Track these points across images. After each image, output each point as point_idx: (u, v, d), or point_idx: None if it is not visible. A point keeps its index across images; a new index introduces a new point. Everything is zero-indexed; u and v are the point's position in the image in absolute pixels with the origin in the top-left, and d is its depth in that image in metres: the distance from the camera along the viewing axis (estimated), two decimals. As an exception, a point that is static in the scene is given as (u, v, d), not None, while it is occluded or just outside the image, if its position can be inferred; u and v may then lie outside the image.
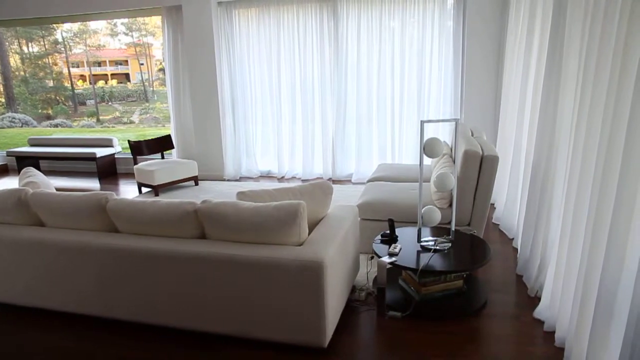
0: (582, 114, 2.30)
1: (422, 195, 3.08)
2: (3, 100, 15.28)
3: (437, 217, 3.08)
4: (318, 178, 6.50)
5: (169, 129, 6.92)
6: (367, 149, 6.24)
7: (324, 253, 2.38)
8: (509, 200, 4.23)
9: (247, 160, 6.78)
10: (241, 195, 2.76)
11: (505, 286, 3.28)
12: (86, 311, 2.86)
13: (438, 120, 3.02)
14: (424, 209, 3.11)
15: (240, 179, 6.72)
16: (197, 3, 6.19)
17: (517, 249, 3.87)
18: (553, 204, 2.88)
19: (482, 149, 3.50)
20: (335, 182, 6.26)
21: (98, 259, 2.71)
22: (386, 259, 2.86)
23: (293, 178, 6.60)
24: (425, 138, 2.96)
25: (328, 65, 6.12)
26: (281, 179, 6.60)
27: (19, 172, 7.44)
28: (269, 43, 6.31)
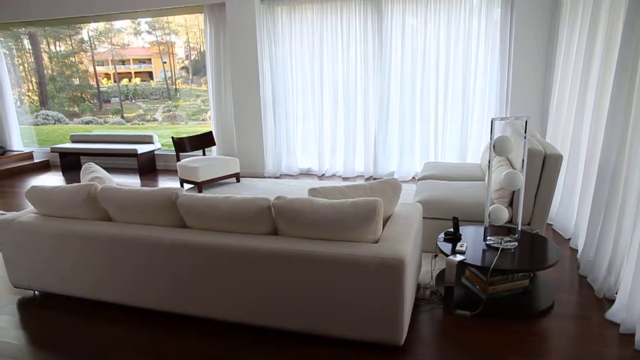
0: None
1: (489, 193, 3.05)
2: (36, 98, 15.59)
3: (504, 215, 3.05)
4: (359, 176, 6.50)
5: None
6: (410, 147, 6.21)
7: (404, 250, 2.37)
8: (563, 200, 4.17)
9: (288, 158, 6.81)
10: (313, 191, 2.77)
11: (569, 287, 3.24)
12: (157, 307, 2.89)
13: (506, 118, 2.99)
14: (491, 207, 3.09)
15: (281, 176, 6.75)
16: (241, 0, 6.23)
17: (575, 250, 3.81)
18: (626, 205, 2.82)
19: (543, 148, 3.46)
20: (376, 180, 6.24)
21: (169, 255, 2.74)
22: (455, 257, 2.84)
23: (333, 176, 6.61)
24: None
25: (371, 63, 6.10)
26: (321, 177, 6.61)
27: (62, 168, 7.62)
28: (312, 40, 6.32)
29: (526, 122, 2.94)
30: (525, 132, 2.94)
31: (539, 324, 2.76)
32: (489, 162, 2.97)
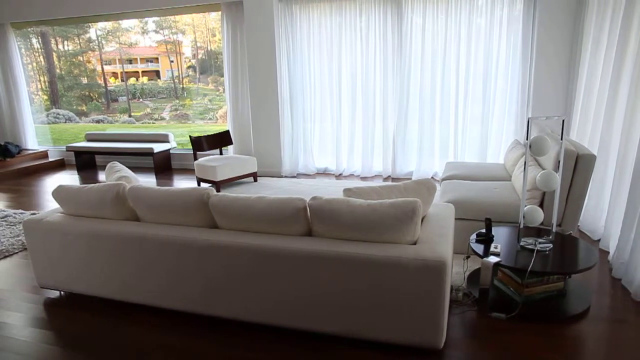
0: None
1: (524, 194, 3.00)
2: (46, 96, 15.65)
3: (539, 216, 3.00)
4: (377, 176, 6.46)
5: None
6: (429, 147, 6.16)
7: (445, 252, 2.33)
8: (591, 201, 4.11)
9: (305, 157, 6.78)
10: (348, 192, 2.73)
11: (603, 289, 3.18)
12: (187, 308, 2.86)
13: (542, 117, 2.93)
14: (526, 208, 3.03)
15: (298, 175, 6.72)
16: (259, -1, 6.21)
17: (605, 251, 3.75)
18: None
19: (575, 148, 3.40)
20: (395, 179, 6.20)
21: (200, 256, 2.70)
22: (491, 259, 2.80)
23: (351, 175, 6.58)
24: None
25: (390, 61, 6.05)
26: (339, 177, 6.57)
27: (77, 167, 7.61)
28: (330, 39, 6.28)
29: (563, 121, 2.89)
30: (562, 132, 2.88)
31: (577, 327, 2.71)
32: (525, 162, 2.92)
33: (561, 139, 2.88)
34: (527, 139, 2.87)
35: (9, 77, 8.15)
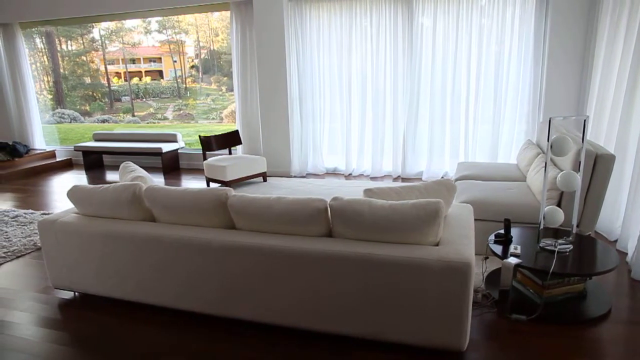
0: None
1: (544, 194, 2.97)
2: (50, 96, 15.68)
3: (560, 217, 2.97)
4: (386, 176, 6.43)
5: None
6: (439, 147, 6.12)
7: (470, 253, 2.30)
8: (607, 201, 4.07)
9: (314, 157, 6.75)
10: (368, 192, 2.71)
11: (622, 291, 3.15)
12: (205, 310, 2.83)
13: (560, 117, 2.90)
14: (546, 208, 3.01)
15: (307, 175, 6.70)
16: (268, -2, 6.19)
17: (623, 252, 3.72)
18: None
19: (594, 148, 3.37)
20: (404, 180, 6.17)
21: (218, 257, 2.68)
22: (512, 260, 2.77)
23: (360, 175, 6.55)
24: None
25: (401, 61, 6.02)
26: (348, 177, 6.54)
27: (85, 166, 7.60)
28: (340, 39, 6.25)
29: (584, 121, 2.86)
30: (584, 132, 2.85)
31: (600, 330, 2.68)
32: (546, 163, 2.89)
33: (582, 139, 2.85)
34: (548, 140, 2.84)
35: (17, 77, 8.15)
